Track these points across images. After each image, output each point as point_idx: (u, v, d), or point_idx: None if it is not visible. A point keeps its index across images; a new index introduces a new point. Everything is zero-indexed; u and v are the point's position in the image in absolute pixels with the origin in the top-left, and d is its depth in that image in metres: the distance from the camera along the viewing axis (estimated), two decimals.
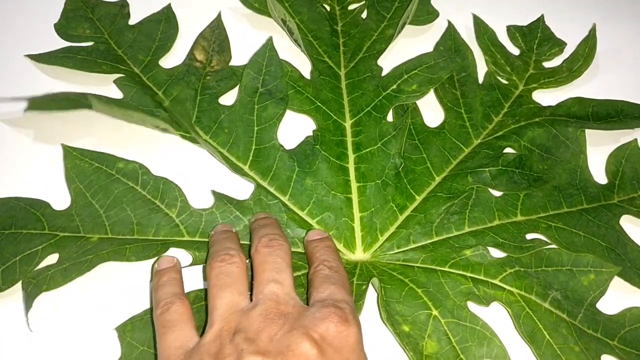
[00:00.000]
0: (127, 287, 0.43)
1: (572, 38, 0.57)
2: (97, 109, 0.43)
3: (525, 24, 0.59)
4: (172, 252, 0.43)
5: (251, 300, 0.37)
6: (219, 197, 0.45)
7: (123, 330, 0.39)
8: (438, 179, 0.49)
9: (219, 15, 0.54)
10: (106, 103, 0.46)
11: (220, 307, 0.37)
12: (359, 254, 0.46)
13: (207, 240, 0.44)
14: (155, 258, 0.42)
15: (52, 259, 0.41)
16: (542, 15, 0.59)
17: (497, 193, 0.48)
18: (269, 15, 0.57)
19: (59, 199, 0.44)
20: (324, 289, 0.38)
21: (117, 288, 0.43)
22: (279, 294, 0.37)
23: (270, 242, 0.40)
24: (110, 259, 0.41)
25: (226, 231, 0.42)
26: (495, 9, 0.60)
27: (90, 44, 0.53)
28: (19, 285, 0.41)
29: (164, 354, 0.36)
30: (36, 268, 0.41)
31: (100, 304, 0.42)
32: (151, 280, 0.42)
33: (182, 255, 0.43)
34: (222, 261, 0.39)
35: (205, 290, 0.41)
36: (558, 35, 0.58)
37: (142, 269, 0.43)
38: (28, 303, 0.39)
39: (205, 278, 0.41)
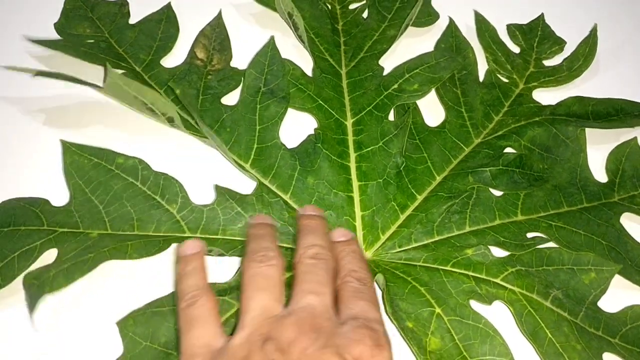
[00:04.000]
0: (128, 281, 0.42)
1: (572, 37, 0.57)
2: (111, 85, 0.42)
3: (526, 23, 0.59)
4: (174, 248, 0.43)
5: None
6: (220, 192, 0.45)
7: (124, 326, 0.39)
8: (439, 179, 0.49)
9: (220, 13, 0.54)
10: (121, 77, 0.44)
11: (253, 310, 0.35)
12: None
13: (208, 236, 0.43)
14: (158, 255, 0.42)
15: (51, 254, 0.41)
16: (542, 14, 0.59)
17: (497, 193, 0.48)
18: (274, 9, 0.57)
19: (59, 193, 0.44)
20: (354, 304, 0.36)
21: (118, 282, 0.42)
22: (317, 307, 0.35)
23: (316, 254, 0.38)
24: (112, 257, 0.41)
25: (265, 225, 0.40)
26: (495, 8, 0.60)
27: (90, 42, 0.53)
28: (18, 280, 0.40)
29: (188, 350, 0.34)
30: (34, 264, 0.41)
31: (101, 299, 0.42)
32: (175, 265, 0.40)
33: None
34: (260, 262, 0.37)
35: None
36: (558, 34, 0.58)
37: (143, 263, 0.43)
38: (32, 305, 0.39)
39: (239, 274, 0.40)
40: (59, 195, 0.44)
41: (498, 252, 0.45)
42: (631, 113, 0.52)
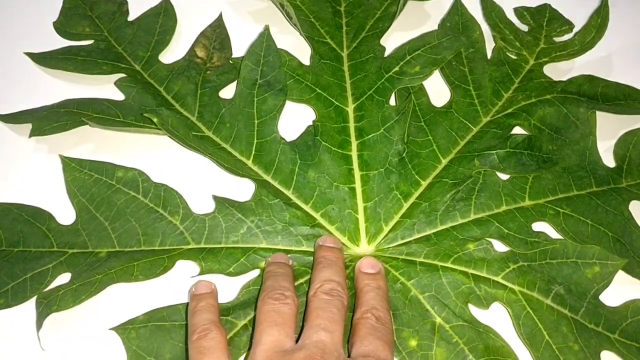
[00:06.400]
0: (126, 284, 0.43)
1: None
2: (94, 126, 0.44)
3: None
4: (180, 264, 0.44)
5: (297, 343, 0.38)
6: (219, 201, 0.46)
7: (127, 337, 0.40)
8: (444, 162, 0.48)
9: (220, 15, 0.53)
10: (103, 122, 0.46)
11: (265, 344, 0.37)
12: (363, 247, 0.46)
13: (212, 246, 0.44)
14: (164, 275, 0.43)
15: (65, 277, 0.43)
16: (548, 4, 0.56)
17: (504, 177, 0.47)
18: None
19: (61, 205, 0.45)
20: (369, 342, 0.37)
21: (117, 287, 0.43)
22: (327, 344, 0.37)
23: (332, 290, 0.39)
24: (119, 280, 0.42)
25: (283, 265, 0.42)
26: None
27: (90, 42, 0.53)
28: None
29: None
30: (48, 287, 0.42)
31: (99, 303, 0.43)
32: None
33: (190, 268, 0.44)
34: (276, 300, 0.39)
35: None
36: None
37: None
38: (39, 322, 0.41)
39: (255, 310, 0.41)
40: (61, 206, 0.45)
41: (501, 248, 0.44)
42: (638, 99, 0.49)
